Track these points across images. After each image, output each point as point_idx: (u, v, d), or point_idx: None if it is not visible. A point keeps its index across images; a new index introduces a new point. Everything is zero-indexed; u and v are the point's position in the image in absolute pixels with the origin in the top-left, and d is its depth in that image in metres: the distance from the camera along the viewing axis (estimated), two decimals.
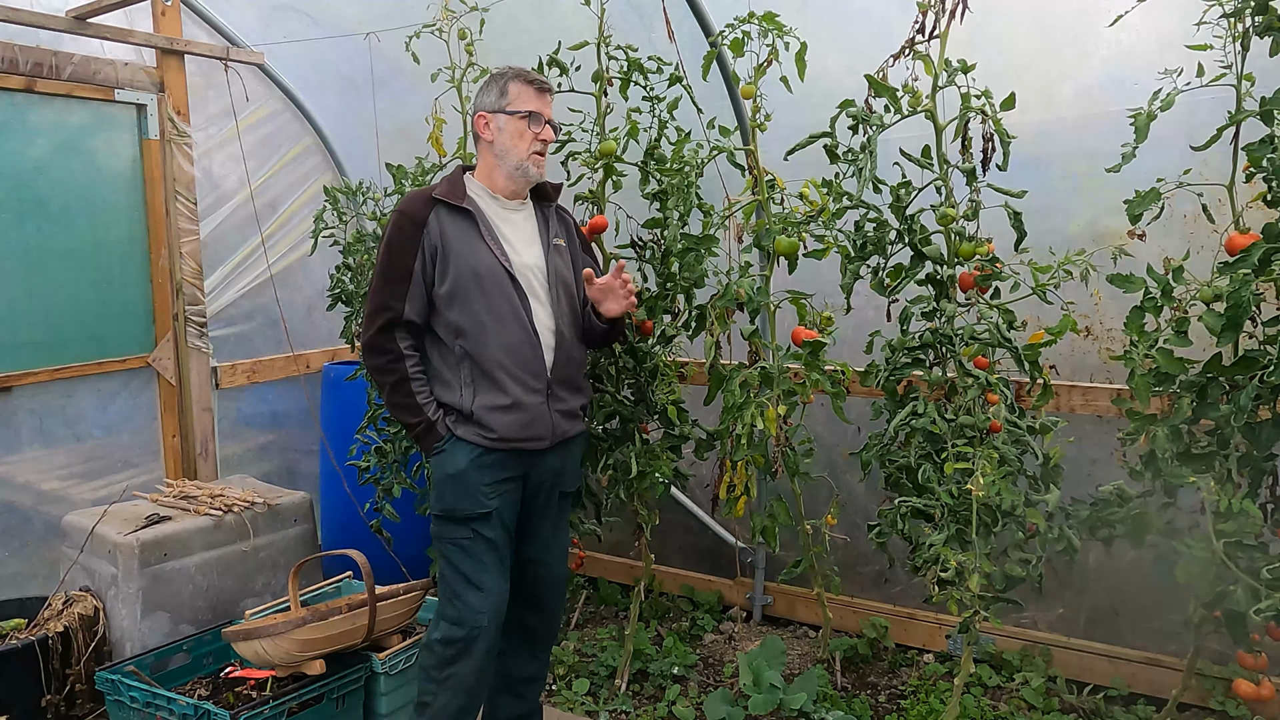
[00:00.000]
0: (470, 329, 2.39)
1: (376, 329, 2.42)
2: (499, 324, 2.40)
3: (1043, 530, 2.52)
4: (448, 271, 2.40)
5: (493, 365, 2.40)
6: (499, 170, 2.50)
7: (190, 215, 3.76)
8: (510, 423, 2.42)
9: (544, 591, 2.67)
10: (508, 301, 2.41)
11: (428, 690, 2.46)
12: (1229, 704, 2.81)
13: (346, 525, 3.78)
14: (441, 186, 2.47)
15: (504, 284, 2.41)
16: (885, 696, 3.17)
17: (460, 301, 2.40)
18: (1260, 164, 2.19)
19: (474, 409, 2.40)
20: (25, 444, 3.43)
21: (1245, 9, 2.21)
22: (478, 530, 2.44)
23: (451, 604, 2.46)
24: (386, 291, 2.41)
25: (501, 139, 2.47)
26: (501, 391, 2.41)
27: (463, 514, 2.43)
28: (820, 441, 3.26)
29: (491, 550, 2.46)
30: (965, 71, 2.47)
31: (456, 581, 2.45)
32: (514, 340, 2.42)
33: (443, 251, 2.40)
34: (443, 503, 2.45)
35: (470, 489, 2.42)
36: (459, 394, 2.42)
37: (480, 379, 2.41)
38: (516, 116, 2.46)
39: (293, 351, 4.28)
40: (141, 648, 2.92)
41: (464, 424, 2.42)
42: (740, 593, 3.79)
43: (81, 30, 3.38)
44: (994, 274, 2.52)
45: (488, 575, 2.45)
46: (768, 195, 2.83)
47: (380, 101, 4.03)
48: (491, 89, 2.50)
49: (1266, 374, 2.16)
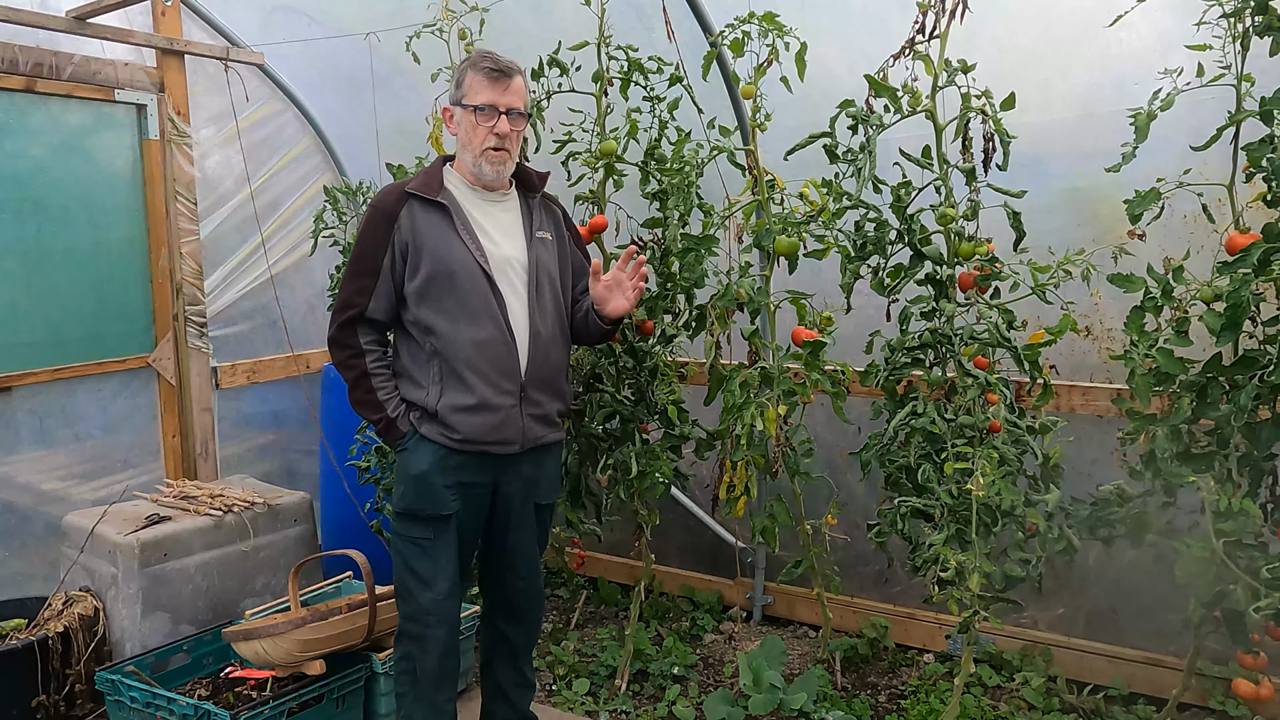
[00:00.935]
0: (440, 327, 2.32)
1: (339, 324, 2.39)
2: (471, 321, 2.32)
3: (1043, 530, 2.52)
4: (419, 267, 2.33)
5: (461, 364, 2.32)
6: (463, 162, 2.44)
7: (190, 215, 3.76)
8: (476, 424, 2.34)
9: (523, 604, 2.64)
10: (481, 298, 2.33)
11: (401, 683, 2.50)
12: (1229, 704, 2.80)
13: (346, 525, 3.78)
14: (416, 179, 2.40)
15: (477, 279, 2.33)
16: (885, 696, 3.17)
17: (431, 298, 2.33)
18: (1260, 164, 2.19)
19: (439, 408, 2.34)
20: (25, 444, 3.43)
21: (1245, 9, 2.21)
22: (438, 532, 2.39)
23: (405, 601, 2.45)
24: (352, 287, 2.37)
25: (461, 133, 2.40)
26: (468, 391, 2.33)
27: (424, 514, 2.38)
28: (820, 441, 3.25)
29: (449, 552, 2.42)
30: (965, 71, 2.47)
31: (410, 579, 2.42)
32: (485, 338, 2.33)
33: (414, 247, 2.33)
34: (404, 501, 2.41)
35: (433, 489, 2.37)
36: (426, 392, 2.36)
37: (448, 377, 2.34)
38: (469, 110, 2.36)
39: (293, 351, 4.28)
40: (141, 648, 2.92)
41: (428, 422, 2.36)
42: (740, 593, 3.79)
43: (81, 30, 3.38)
44: (994, 274, 2.52)
45: (441, 577, 2.41)
46: (768, 195, 2.83)
47: (380, 101, 4.02)
48: (455, 80, 2.42)
49: (1266, 374, 2.16)
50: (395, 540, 2.47)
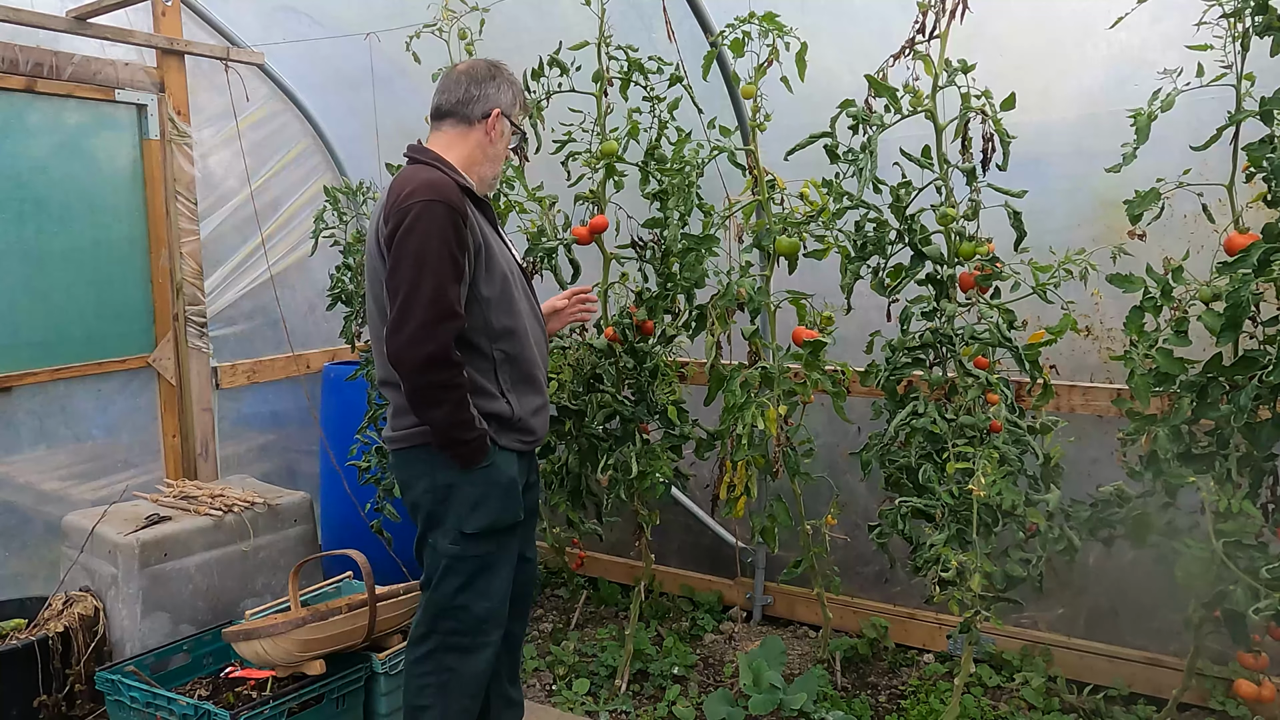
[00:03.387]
0: (516, 330, 2.30)
1: (446, 339, 2.11)
2: (529, 323, 2.36)
3: (1043, 530, 2.53)
4: (492, 271, 2.23)
5: (532, 366, 2.35)
6: (480, 170, 2.35)
7: (190, 215, 3.76)
8: (543, 422, 2.41)
9: (528, 590, 2.64)
10: (527, 298, 2.39)
11: (425, 695, 2.33)
12: (1229, 704, 2.80)
13: (346, 525, 3.78)
14: (457, 174, 2.27)
15: (520, 278, 2.38)
16: (885, 696, 3.17)
17: (505, 303, 2.27)
18: (1260, 164, 2.19)
19: (521, 414, 2.30)
20: (25, 444, 3.43)
21: (1245, 9, 2.21)
22: (503, 542, 2.33)
23: (453, 619, 2.31)
24: (451, 294, 2.11)
25: (499, 145, 2.38)
26: (538, 392, 2.38)
27: (504, 525, 2.30)
28: (820, 441, 3.25)
29: (509, 558, 2.37)
30: (965, 71, 2.48)
31: (465, 596, 2.30)
32: (539, 337, 2.40)
33: (485, 248, 2.23)
34: (484, 518, 2.26)
35: (516, 499, 2.33)
36: (503, 401, 2.27)
37: (519, 383, 2.32)
38: (514, 132, 2.42)
39: (293, 351, 4.28)
40: (141, 648, 2.92)
41: (506, 432, 2.29)
42: (740, 593, 3.79)
43: (81, 30, 3.38)
44: (994, 274, 2.52)
45: (501, 584, 2.35)
46: (768, 195, 2.83)
47: (380, 101, 4.02)
48: (506, 89, 2.36)
49: (1266, 374, 2.16)
50: (455, 564, 2.28)
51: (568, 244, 3.04)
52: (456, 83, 2.35)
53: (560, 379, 3.07)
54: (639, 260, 2.96)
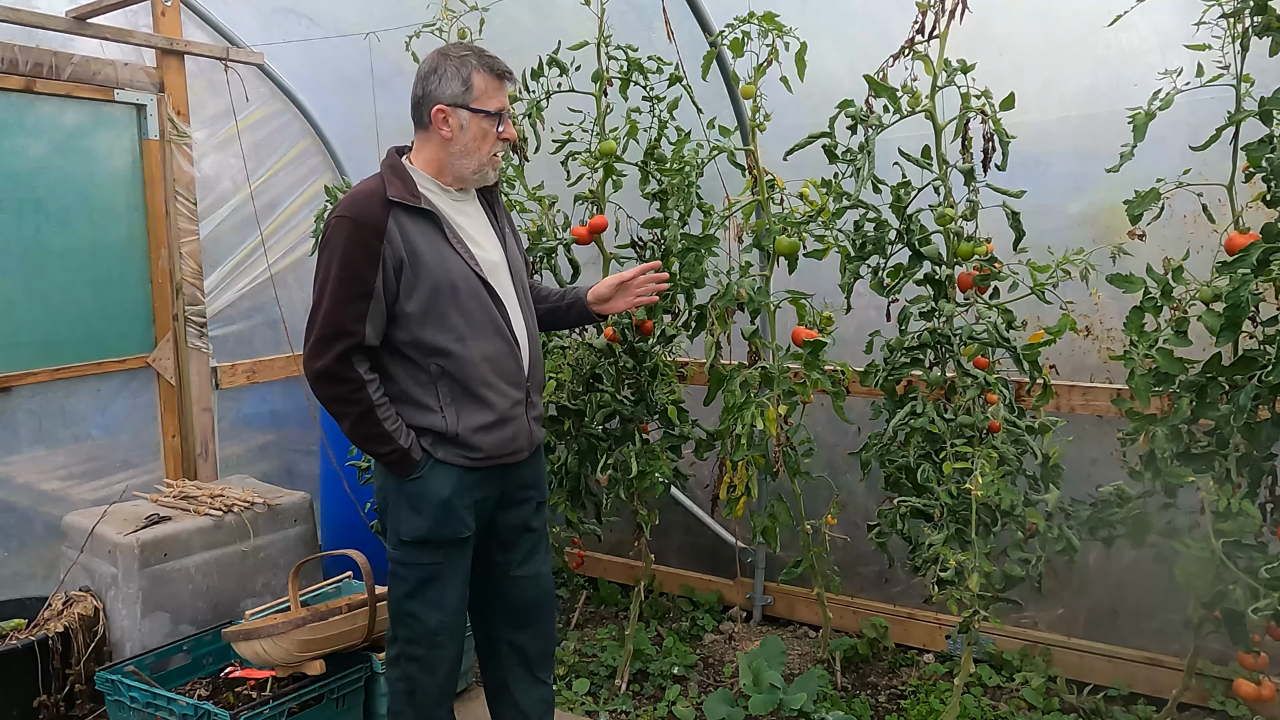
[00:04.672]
0: (450, 347, 2.17)
1: (334, 356, 2.11)
2: (479, 337, 2.19)
3: (1042, 530, 2.53)
4: (416, 286, 2.14)
5: (476, 383, 2.19)
6: (451, 169, 2.24)
7: (190, 215, 3.76)
8: (496, 440, 2.24)
9: (537, 603, 2.47)
10: (485, 311, 2.20)
11: (397, 702, 2.36)
12: (1229, 704, 2.80)
13: (346, 525, 3.78)
14: (393, 185, 2.16)
15: (479, 292, 2.20)
16: (885, 696, 3.17)
17: (435, 319, 2.16)
18: (1260, 164, 2.19)
19: (459, 431, 2.20)
20: (25, 444, 3.43)
21: (1244, 9, 2.21)
22: (451, 554, 2.27)
23: (406, 627, 2.30)
24: (344, 313, 2.10)
25: (464, 139, 2.20)
26: (487, 409, 2.21)
27: (441, 539, 2.25)
28: (820, 441, 3.26)
29: (462, 571, 2.31)
30: (965, 71, 2.48)
31: (414, 605, 2.28)
32: (495, 352, 2.22)
33: (409, 263, 2.12)
34: (418, 529, 2.23)
35: (455, 514, 2.24)
36: (439, 416, 2.20)
37: (461, 397, 2.20)
38: (482, 116, 2.19)
39: (293, 351, 4.28)
40: (141, 648, 2.92)
41: (444, 446, 2.21)
42: (740, 593, 3.79)
43: (81, 30, 3.38)
44: (993, 274, 2.52)
45: (453, 597, 2.30)
46: (768, 195, 2.83)
47: (380, 102, 4.03)
48: (451, 78, 2.17)
49: (1266, 374, 2.16)
50: (398, 569, 2.28)
51: (567, 244, 3.04)
52: (415, 85, 2.25)
53: (560, 378, 3.07)
54: (639, 260, 2.96)
